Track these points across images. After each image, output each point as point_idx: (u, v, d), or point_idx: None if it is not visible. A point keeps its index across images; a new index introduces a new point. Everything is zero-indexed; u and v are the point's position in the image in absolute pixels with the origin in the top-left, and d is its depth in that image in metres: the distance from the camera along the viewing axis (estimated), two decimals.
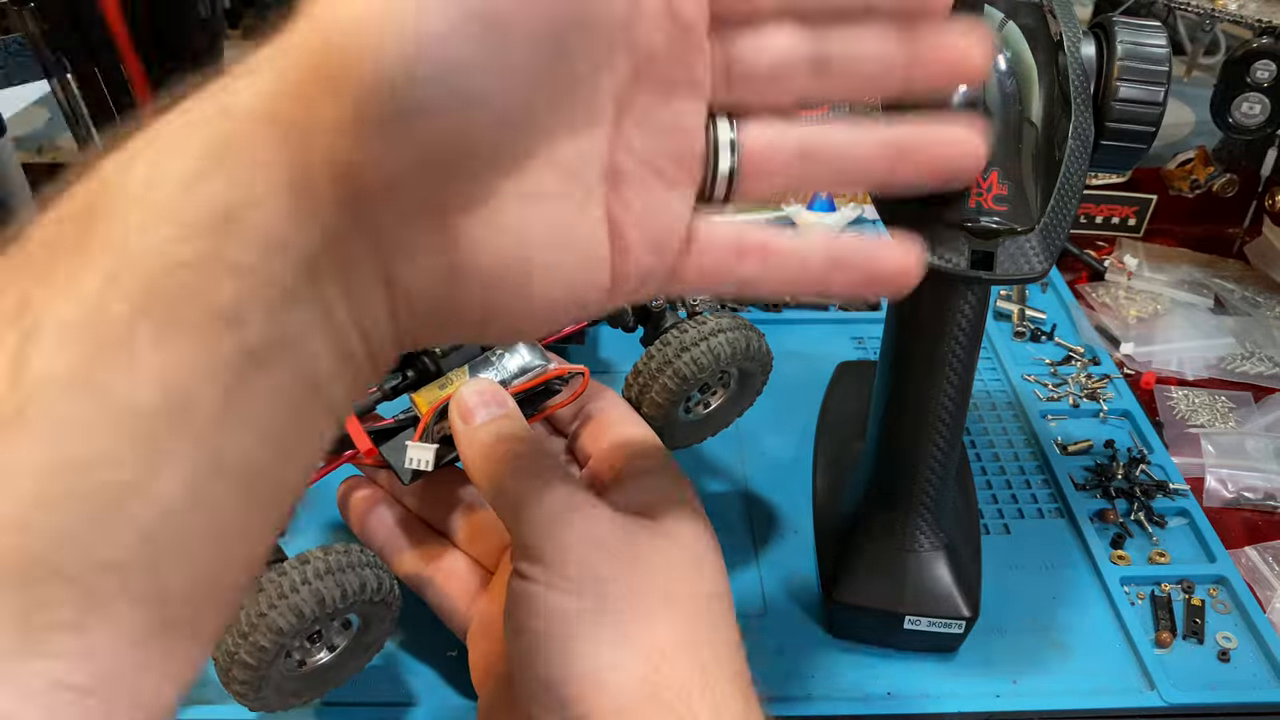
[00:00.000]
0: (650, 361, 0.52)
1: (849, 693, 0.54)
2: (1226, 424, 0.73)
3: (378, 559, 0.47)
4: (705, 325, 0.53)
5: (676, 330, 0.53)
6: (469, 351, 0.49)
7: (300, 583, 0.43)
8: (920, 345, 0.49)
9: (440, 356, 0.50)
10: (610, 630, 0.37)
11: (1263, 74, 0.75)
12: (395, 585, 0.48)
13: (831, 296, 0.61)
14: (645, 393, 0.52)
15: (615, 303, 0.30)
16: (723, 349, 0.52)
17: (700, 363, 0.51)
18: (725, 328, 0.53)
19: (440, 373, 0.50)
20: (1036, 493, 0.66)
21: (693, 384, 0.52)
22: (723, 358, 0.52)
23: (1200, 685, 0.55)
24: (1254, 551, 0.63)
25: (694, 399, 0.55)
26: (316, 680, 0.49)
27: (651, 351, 0.53)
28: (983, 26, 0.35)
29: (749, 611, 0.58)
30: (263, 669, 0.44)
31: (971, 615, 0.54)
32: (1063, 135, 0.45)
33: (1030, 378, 0.75)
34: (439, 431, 0.48)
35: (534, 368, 0.49)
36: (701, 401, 0.56)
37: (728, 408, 0.57)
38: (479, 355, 0.49)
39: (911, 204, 0.44)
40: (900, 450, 0.53)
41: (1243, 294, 0.86)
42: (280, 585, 0.43)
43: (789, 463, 0.67)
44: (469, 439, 0.44)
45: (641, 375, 0.53)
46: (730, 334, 0.53)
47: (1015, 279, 0.43)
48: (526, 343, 0.50)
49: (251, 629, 0.42)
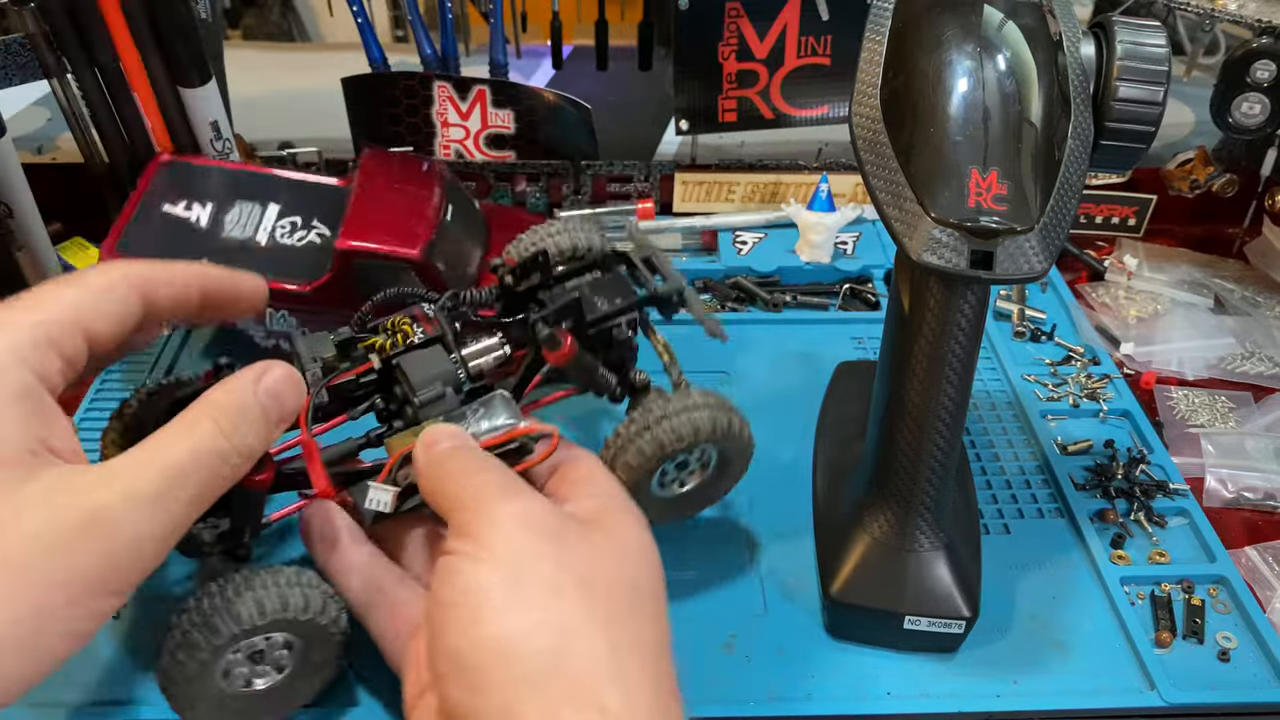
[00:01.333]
0: (630, 426, 0.52)
1: (849, 692, 0.54)
2: (1226, 424, 0.73)
3: (314, 580, 0.47)
4: (688, 398, 0.53)
5: (660, 399, 0.53)
6: (448, 404, 0.50)
7: (217, 603, 0.45)
8: (920, 345, 0.49)
9: (419, 407, 0.50)
10: (522, 602, 0.37)
11: (1262, 74, 0.75)
12: (331, 604, 0.48)
13: None
14: (620, 455, 0.52)
15: None
16: (702, 423, 0.52)
17: (678, 432, 0.51)
18: (709, 404, 0.53)
19: (417, 422, 0.50)
20: (1036, 493, 0.66)
21: (668, 451, 0.52)
22: (701, 431, 0.52)
23: (1200, 685, 0.55)
24: (1254, 551, 0.63)
25: (669, 474, 0.55)
26: (269, 702, 0.49)
27: (633, 416, 0.53)
28: None
29: (749, 611, 0.58)
30: (192, 683, 0.45)
31: (971, 615, 0.54)
32: (1062, 135, 0.45)
33: (1030, 378, 0.75)
34: (404, 477, 0.48)
35: (506, 425, 0.49)
36: (677, 479, 0.56)
37: (703, 491, 0.57)
38: (457, 409, 0.50)
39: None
40: (900, 450, 0.52)
41: (1243, 294, 0.86)
42: (200, 605, 0.45)
43: (789, 463, 0.67)
44: (426, 453, 0.45)
45: (620, 438, 0.52)
46: (712, 411, 0.52)
47: (1015, 279, 0.43)
48: (504, 400, 0.51)
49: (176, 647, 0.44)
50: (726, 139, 0.93)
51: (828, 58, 0.85)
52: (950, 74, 0.44)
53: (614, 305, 0.55)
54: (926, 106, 0.44)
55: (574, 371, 0.54)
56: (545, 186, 0.90)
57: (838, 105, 0.88)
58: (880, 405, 0.53)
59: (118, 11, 0.71)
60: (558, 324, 0.53)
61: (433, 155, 0.87)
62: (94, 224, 0.84)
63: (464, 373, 0.52)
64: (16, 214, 0.75)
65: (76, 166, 0.80)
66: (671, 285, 0.56)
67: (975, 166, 0.43)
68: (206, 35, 0.77)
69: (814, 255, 0.84)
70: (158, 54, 0.73)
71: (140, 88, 0.74)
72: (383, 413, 0.53)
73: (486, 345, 0.54)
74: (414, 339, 0.52)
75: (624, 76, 0.95)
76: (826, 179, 0.84)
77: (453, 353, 0.52)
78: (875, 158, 0.46)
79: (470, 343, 0.54)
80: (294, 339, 0.54)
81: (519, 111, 0.85)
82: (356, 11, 0.83)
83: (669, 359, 0.57)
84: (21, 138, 0.95)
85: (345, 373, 0.51)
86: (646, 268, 0.57)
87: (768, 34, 0.84)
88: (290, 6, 1.33)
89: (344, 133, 0.86)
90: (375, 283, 0.66)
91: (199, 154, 0.78)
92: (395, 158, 0.75)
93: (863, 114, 0.47)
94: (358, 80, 0.84)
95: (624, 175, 0.90)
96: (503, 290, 0.56)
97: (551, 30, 0.90)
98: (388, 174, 0.72)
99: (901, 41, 0.47)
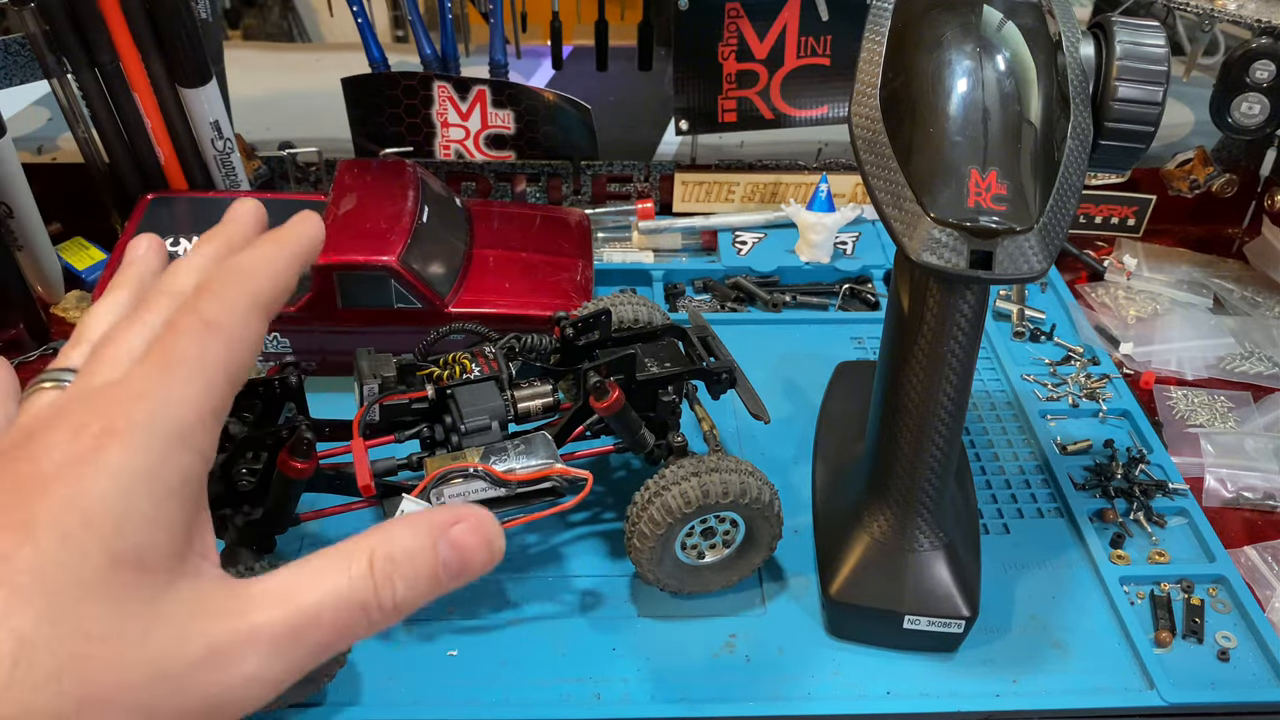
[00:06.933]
0: (646, 491, 0.54)
1: (849, 692, 0.54)
2: (1225, 424, 0.73)
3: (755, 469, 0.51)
4: (723, 461, 0.54)
5: (694, 460, 0.54)
6: (491, 436, 0.54)
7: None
8: (920, 345, 0.49)
9: (464, 435, 0.54)
10: None
11: (1262, 74, 0.75)
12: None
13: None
14: (636, 525, 0.54)
15: None
16: (732, 485, 0.53)
17: (707, 489, 0.53)
18: (740, 469, 0.54)
19: (460, 449, 0.53)
20: (1036, 492, 0.66)
21: (678, 517, 0.53)
22: (730, 492, 0.53)
23: (1200, 684, 0.55)
24: (1253, 551, 0.63)
25: (689, 542, 0.56)
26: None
27: (649, 483, 0.55)
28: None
29: (749, 611, 0.58)
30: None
31: (971, 615, 0.54)
32: (1062, 135, 0.45)
33: (1030, 378, 0.75)
34: (437, 496, 0.51)
35: (542, 464, 0.53)
36: (696, 549, 0.56)
37: (727, 564, 0.58)
38: (499, 442, 0.54)
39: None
40: (900, 450, 0.53)
41: (1242, 294, 0.86)
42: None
43: (789, 463, 0.67)
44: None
45: (635, 506, 0.55)
46: (743, 476, 0.54)
47: (1014, 278, 0.43)
48: (545, 440, 0.54)
49: None
50: (726, 139, 0.93)
51: (828, 58, 0.86)
52: (950, 74, 0.44)
53: (664, 369, 0.58)
54: (926, 106, 0.44)
55: (617, 425, 0.56)
56: (545, 186, 0.90)
57: (837, 105, 0.88)
58: (880, 405, 0.53)
59: (118, 11, 0.71)
60: (609, 376, 0.55)
61: (433, 155, 0.87)
62: (94, 224, 0.84)
63: (512, 411, 0.56)
64: (16, 214, 0.75)
65: (76, 166, 0.80)
66: (722, 364, 0.59)
67: (975, 166, 0.43)
68: (206, 35, 0.77)
69: (814, 255, 0.84)
70: (158, 54, 0.73)
71: (140, 88, 0.74)
72: (427, 440, 0.55)
73: (538, 391, 0.57)
74: (471, 374, 0.55)
75: (624, 76, 0.95)
76: (826, 179, 0.84)
77: (505, 391, 0.55)
78: (875, 158, 0.46)
79: (524, 386, 0.57)
80: (358, 355, 0.56)
81: (519, 111, 0.85)
82: (356, 11, 0.83)
83: (709, 428, 0.59)
84: (21, 138, 0.95)
85: (400, 394, 0.54)
86: (701, 345, 0.60)
87: (768, 34, 0.84)
88: (290, 7, 1.33)
89: (344, 133, 0.86)
90: (359, 293, 0.67)
91: (199, 154, 0.78)
92: (371, 166, 0.75)
93: (862, 114, 0.47)
94: (358, 80, 0.84)
95: (624, 175, 0.90)
96: (563, 342, 0.59)
97: (551, 30, 0.90)
98: (362, 184, 0.73)
99: (901, 42, 0.47)
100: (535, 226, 0.78)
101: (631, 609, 0.58)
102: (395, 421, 0.55)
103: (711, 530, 0.56)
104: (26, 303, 0.76)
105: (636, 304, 0.64)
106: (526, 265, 0.74)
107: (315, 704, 0.52)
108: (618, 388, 0.54)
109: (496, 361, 0.56)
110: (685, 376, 0.58)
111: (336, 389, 0.64)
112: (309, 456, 0.50)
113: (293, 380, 0.54)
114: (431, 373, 0.55)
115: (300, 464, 0.49)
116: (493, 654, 0.55)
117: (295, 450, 0.49)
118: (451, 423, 0.54)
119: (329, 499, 0.56)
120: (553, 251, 0.76)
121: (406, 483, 0.53)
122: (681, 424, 0.59)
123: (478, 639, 0.56)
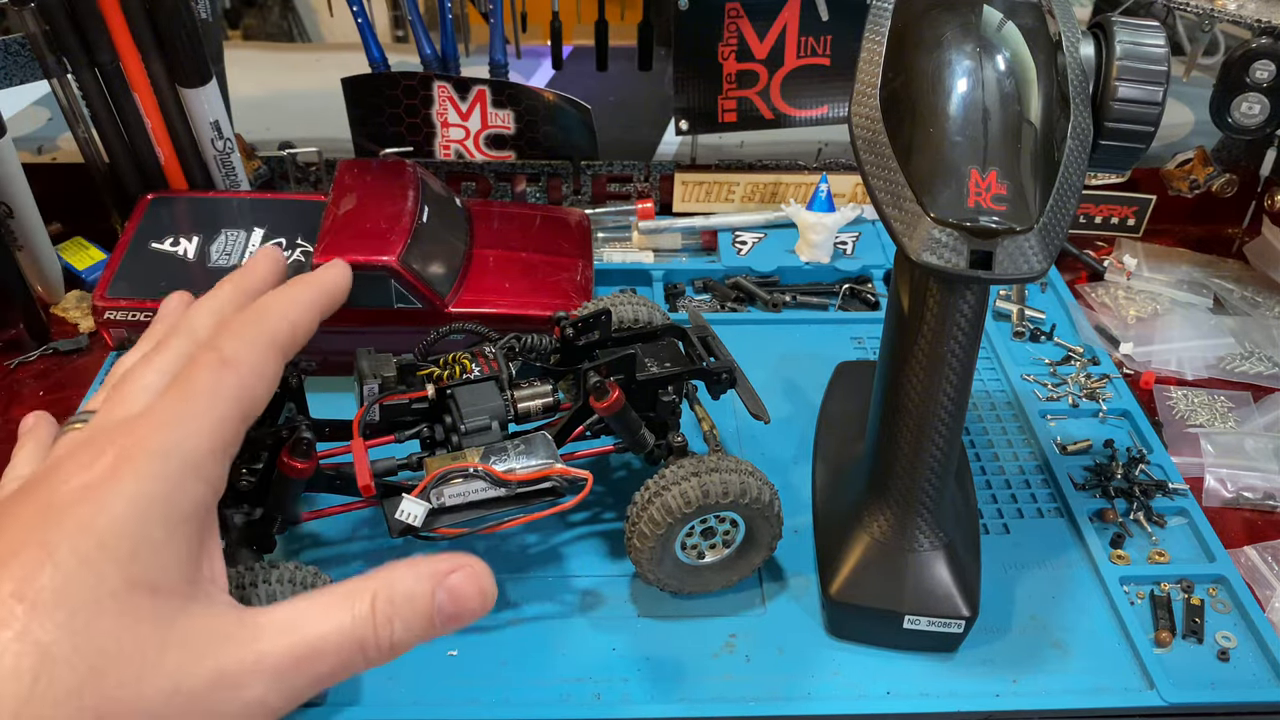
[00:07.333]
0: (646, 491, 0.54)
1: (849, 692, 0.54)
2: (1225, 424, 0.73)
3: (313, 578, 0.48)
4: (723, 461, 0.54)
5: (694, 460, 0.54)
6: (491, 436, 0.54)
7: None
8: (920, 345, 0.49)
9: (464, 434, 0.53)
10: None
11: (1262, 74, 0.75)
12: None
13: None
14: (636, 525, 0.54)
15: None
16: (732, 485, 0.53)
17: (706, 489, 0.53)
18: (740, 469, 0.54)
19: (460, 449, 0.53)
20: (1036, 492, 0.66)
21: (678, 517, 0.53)
22: (730, 492, 0.53)
23: (1200, 684, 0.55)
24: (1253, 551, 0.63)
25: (689, 542, 0.56)
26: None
27: (649, 483, 0.55)
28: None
29: (749, 611, 0.58)
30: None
31: (971, 615, 0.54)
32: (1062, 135, 0.45)
33: (1030, 378, 0.75)
34: (437, 496, 0.51)
35: (542, 464, 0.52)
36: (695, 549, 0.57)
37: (727, 564, 0.58)
38: (498, 442, 0.53)
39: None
40: (900, 450, 0.53)
41: (1242, 294, 0.86)
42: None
43: (789, 463, 0.67)
44: None
45: (635, 506, 0.55)
46: (742, 476, 0.54)
47: (1014, 278, 0.43)
48: (545, 440, 0.54)
49: None
50: (726, 139, 0.93)
51: (827, 58, 0.86)
52: (950, 74, 0.44)
53: (664, 369, 0.58)
54: (926, 107, 0.44)
55: (617, 425, 0.56)
56: (545, 186, 0.90)
57: (837, 105, 0.88)
58: (880, 405, 0.53)
59: (118, 12, 0.71)
60: (609, 376, 0.55)
61: (433, 155, 0.87)
62: (94, 224, 0.84)
63: (511, 411, 0.55)
64: (16, 214, 0.75)
65: (76, 166, 0.80)
66: (722, 364, 0.59)
67: (975, 166, 0.43)
68: (206, 35, 0.77)
69: (813, 255, 0.84)
70: (158, 54, 0.73)
71: (140, 88, 0.74)
72: (427, 440, 0.55)
73: (538, 391, 0.57)
74: (471, 374, 0.55)
75: (624, 76, 0.95)
76: (826, 179, 0.84)
77: (505, 391, 0.55)
78: (875, 158, 0.46)
79: (524, 386, 0.57)
80: (358, 355, 0.56)
81: (519, 111, 0.85)
82: (356, 11, 0.83)
83: (709, 428, 0.59)
84: (21, 138, 0.95)
85: (400, 394, 0.54)
86: (701, 345, 0.60)
87: (768, 34, 0.84)
88: (290, 6, 1.33)
89: (344, 133, 0.86)
90: (359, 293, 0.67)
91: (199, 154, 0.78)
92: (371, 166, 0.75)
93: (862, 114, 0.47)
94: (358, 80, 0.84)
95: (624, 175, 0.90)
96: (563, 342, 0.59)
97: (551, 30, 0.90)
98: (362, 184, 0.73)
99: (901, 42, 0.47)
100: (535, 226, 0.78)
101: (631, 609, 0.58)
102: (395, 421, 0.55)
103: (711, 530, 0.56)
104: (26, 303, 0.76)
105: (636, 304, 0.64)
106: (526, 265, 0.74)
107: (315, 704, 0.52)
108: (618, 388, 0.54)
109: (496, 361, 0.56)
110: (685, 376, 0.58)
111: (336, 389, 0.64)
112: (309, 456, 0.50)
113: (293, 380, 0.54)
114: (431, 373, 0.55)
115: (300, 464, 0.49)
116: (493, 654, 0.55)
117: (295, 450, 0.49)
118: (451, 423, 0.54)
119: (329, 499, 0.56)
120: (553, 251, 0.76)
121: (406, 483, 0.53)
122: (681, 424, 0.59)
123: (478, 639, 0.56)
